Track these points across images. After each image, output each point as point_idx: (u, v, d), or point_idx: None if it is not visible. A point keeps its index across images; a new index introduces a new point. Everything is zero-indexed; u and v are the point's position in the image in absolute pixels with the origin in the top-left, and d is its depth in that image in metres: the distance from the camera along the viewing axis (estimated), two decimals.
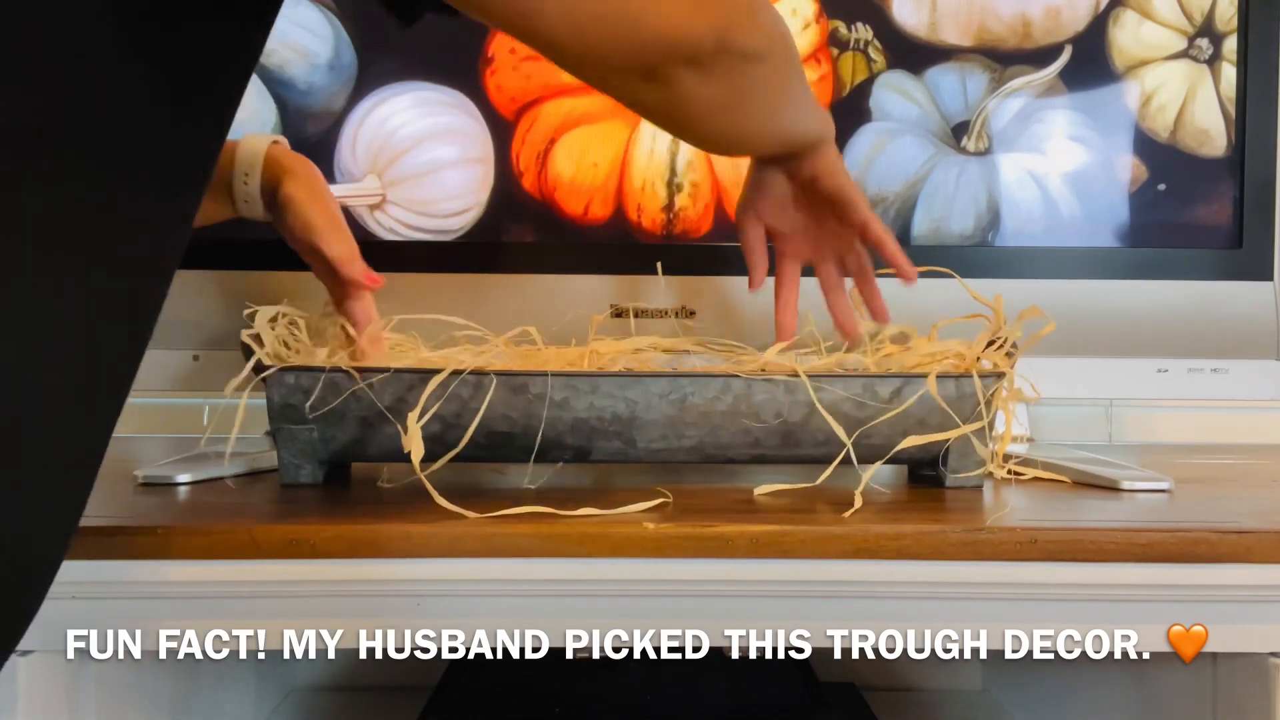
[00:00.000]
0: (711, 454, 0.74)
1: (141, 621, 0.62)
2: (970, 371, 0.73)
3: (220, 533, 0.61)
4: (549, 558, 0.62)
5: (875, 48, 0.94)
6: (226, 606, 0.62)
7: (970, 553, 0.62)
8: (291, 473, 0.73)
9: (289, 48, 0.93)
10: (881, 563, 0.62)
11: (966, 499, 0.73)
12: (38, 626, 0.61)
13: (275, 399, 0.72)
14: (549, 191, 0.94)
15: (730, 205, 0.95)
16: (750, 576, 0.62)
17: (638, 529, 0.61)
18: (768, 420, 0.73)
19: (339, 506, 0.69)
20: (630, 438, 0.73)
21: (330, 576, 0.61)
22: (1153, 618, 0.64)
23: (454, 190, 0.94)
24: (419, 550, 0.61)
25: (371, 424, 0.72)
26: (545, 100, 0.94)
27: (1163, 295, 0.94)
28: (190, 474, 0.76)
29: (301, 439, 0.73)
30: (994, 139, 0.95)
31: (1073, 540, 0.63)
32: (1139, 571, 0.63)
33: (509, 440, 0.72)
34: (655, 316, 0.92)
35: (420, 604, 0.63)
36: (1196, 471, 0.90)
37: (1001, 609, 0.64)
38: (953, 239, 0.95)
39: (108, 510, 0.65)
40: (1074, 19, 0.95)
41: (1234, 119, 0.94)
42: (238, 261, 0.91)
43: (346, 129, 0.93)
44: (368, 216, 0.94)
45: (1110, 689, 0.84)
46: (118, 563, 0.60)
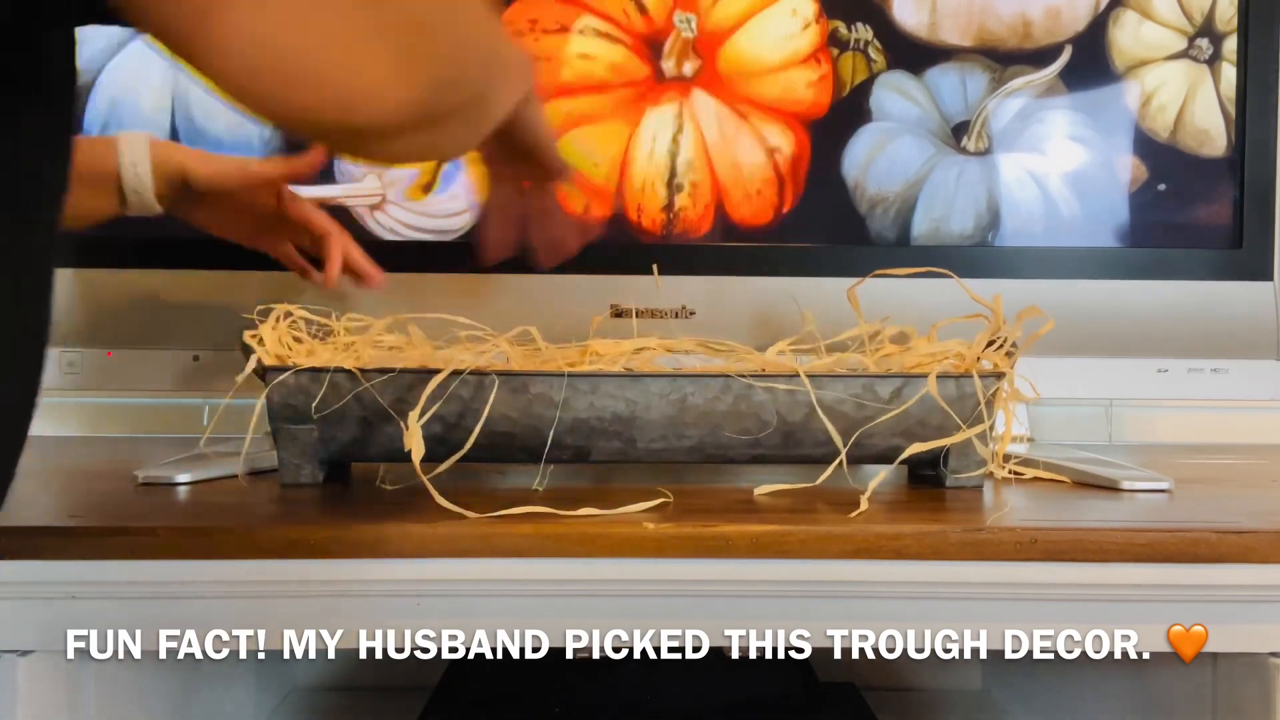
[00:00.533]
0: (711, 454, 0.74)
1: (141, 621, 0.62)
2: (970, 372, 0.73)
3: (220, 533, 0.61)
4: (549, 558, 0.62)
5: (875, 48, 0.94)
6: (226, 606, 0.62)
7: (970, 553, 0.62)
8: (292, 473, 0.73)
9: None
10: (881, 563, 0.62)
11: (966, 499, 0.73)
12: (38, 626, 0.61)
13: (275, 399, 0.72)
14: None
15: (731, 205, 0.95)
16: (750, 576, 0.62)
17: (638, 529, 0.61)
18: (768, 420, 0.73)
19: (339, 506, 0.69)
20: (630, 438, 0.73)
21: (330, 576, 0.61)
22: (1153, 618, 0.64)
23: (454, 190, 0.94)
24: (419, 550, 0.61)
25: (372, 424, 0.72)
26: (545, 100, 0.94)
27: (1163, 295, 0.94)
28: (190, 474, 0.76)
29: (302, 439, 0.73)
30: (994, 139, 0.95)
31: (1073, 540, 0.63)
32: (1139, 571, 0.63)
33: (509, 440, 0.72)
34: (655, 316, 0.92)
35: (420, 604, 0.63)
36: (1196, 471, 0.90)
37: (1001, 609, 0.64)
38: (952, 239, 0.95)
39: (108, 510, 0.65)
40: (1074, 19, 0.95)
41: (1234, 119, 0.94)
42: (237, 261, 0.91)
43: None
44: (368, 216, 0.94)
45: (1110, 689, 0.84)
46: (118, 563, 0.60)
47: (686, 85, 0.94)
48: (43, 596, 0.61)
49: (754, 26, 0.94)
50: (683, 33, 0.94)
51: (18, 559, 0.60)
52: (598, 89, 0.94)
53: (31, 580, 0.61)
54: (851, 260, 0.92)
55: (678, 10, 0.94)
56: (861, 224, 0.95)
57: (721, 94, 0.94)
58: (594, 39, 0.93)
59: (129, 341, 0.92)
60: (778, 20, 0.94)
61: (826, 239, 0.94)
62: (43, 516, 0.64)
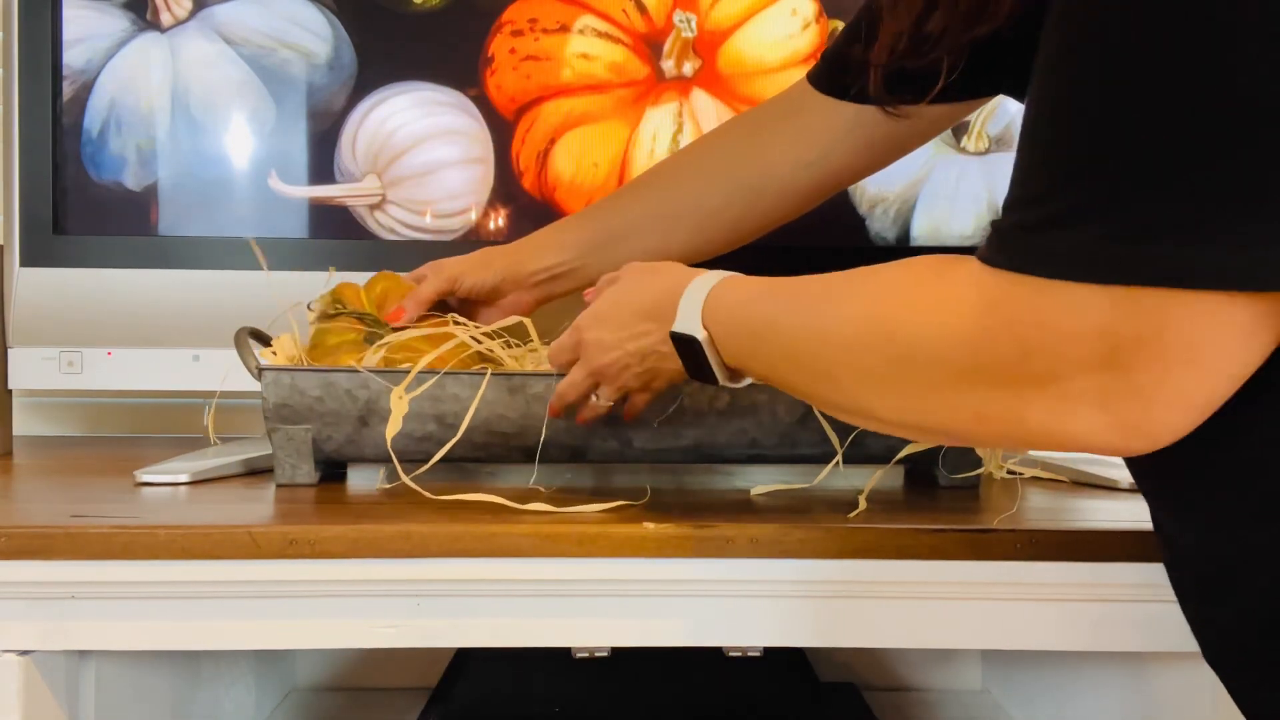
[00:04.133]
0: (709, 454, 0.74)
1: (141, 621, 0.62)
2: None
3: (220, 533, 0.61)
4: (549, 558, 0.62)
5: None
6: (226, 606, 0.62)
7: (970, 553, 0.62)
8: (288, 473, 0.73)
9: (289, 48, 0.93)
10: (881, 562, 0.62)
11: (966, 499, 0.73)
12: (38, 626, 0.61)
13: (271, 399, 0.72)
14: (549, 191, 0.94)
15: None
16: (750, 576, 0.62)
17: (638, 529, 0.61)
18: (765, 420, 0.73)
19: (339, 506, 0.69)
20: (627, 438, 0.73)
21: (330, 576, 0.61)
22: (1152, 617, 0.64)
23: (454, 190, 0.94)
24: (419, 550, 0.61)
25: (367, 424, 0.72)
26: (545, 100, 0.94)
27: None
28: (190, 474, 0.76)
29: (298, 439, 0.73)
30: (994, 139, 0.95)
31: (1073, 540, 0.63)
32: (1139, 571, 0.63)
33: (506, 440, 0.72)
34: None
35: (420, 604, 0.63)
36: None
37: (1001, 609, 0.64)
38: (952, 239, 0.95)
39: (108, 510, 0.65)
40: None
41: None
42: (237, 262, 0.91)
43: (346, 129, 0.93)
44: (368, 216, 0.94)
45: (1110, 689, 0.84)
46: (118, 563, 0.60)
47: (686, 85, 0.94)
48: (43, 596, 0.61)
49: (754, 26, 0.94)
50: (683, 32, 0.94)
51: (18, 559, 0.60)
52: (598, 89, 0.94)
53: (31, 580, 0.61)
54: (852, 261, 0.91)
55: (678, 10, 0.94)
56: (861, 224, 0.95)
57: (721, 94, 0.94)
58: (594, 39, 0.93)
59: (129, 341, 0.92)
60: (778, 20, 0.94)
61: (826, 239, 0.94)
62: (43, 516, 0.64)
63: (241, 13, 0.92)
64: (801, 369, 0.53)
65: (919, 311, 0.47)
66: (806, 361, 0.53)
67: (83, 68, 0.92)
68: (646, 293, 0.63)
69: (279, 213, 0.93)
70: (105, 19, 0.92)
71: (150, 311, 0.91)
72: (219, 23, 0.92)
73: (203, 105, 0.93)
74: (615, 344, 0.64)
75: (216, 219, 0.93)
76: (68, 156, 0.92)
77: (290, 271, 0.89)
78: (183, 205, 0.93)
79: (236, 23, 0.92)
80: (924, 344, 0.46)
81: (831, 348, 0.51)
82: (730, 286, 0.59)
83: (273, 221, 0.93)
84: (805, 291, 0.55)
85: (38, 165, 0.91)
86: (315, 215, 0.93)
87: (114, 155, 0.92)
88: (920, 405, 0.47)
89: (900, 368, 0.47)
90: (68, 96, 0.92)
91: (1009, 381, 0.44)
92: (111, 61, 0.92)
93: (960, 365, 0.45)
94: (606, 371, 0.65)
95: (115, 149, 0.92)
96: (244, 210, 0.93)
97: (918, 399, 0.47)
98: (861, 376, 0.49)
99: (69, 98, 0.92)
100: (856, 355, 0.49)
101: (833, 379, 0.51)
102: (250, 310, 0.83)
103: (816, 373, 0.52)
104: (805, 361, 0.53)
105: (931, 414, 0.47)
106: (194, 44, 0.92)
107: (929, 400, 0.47)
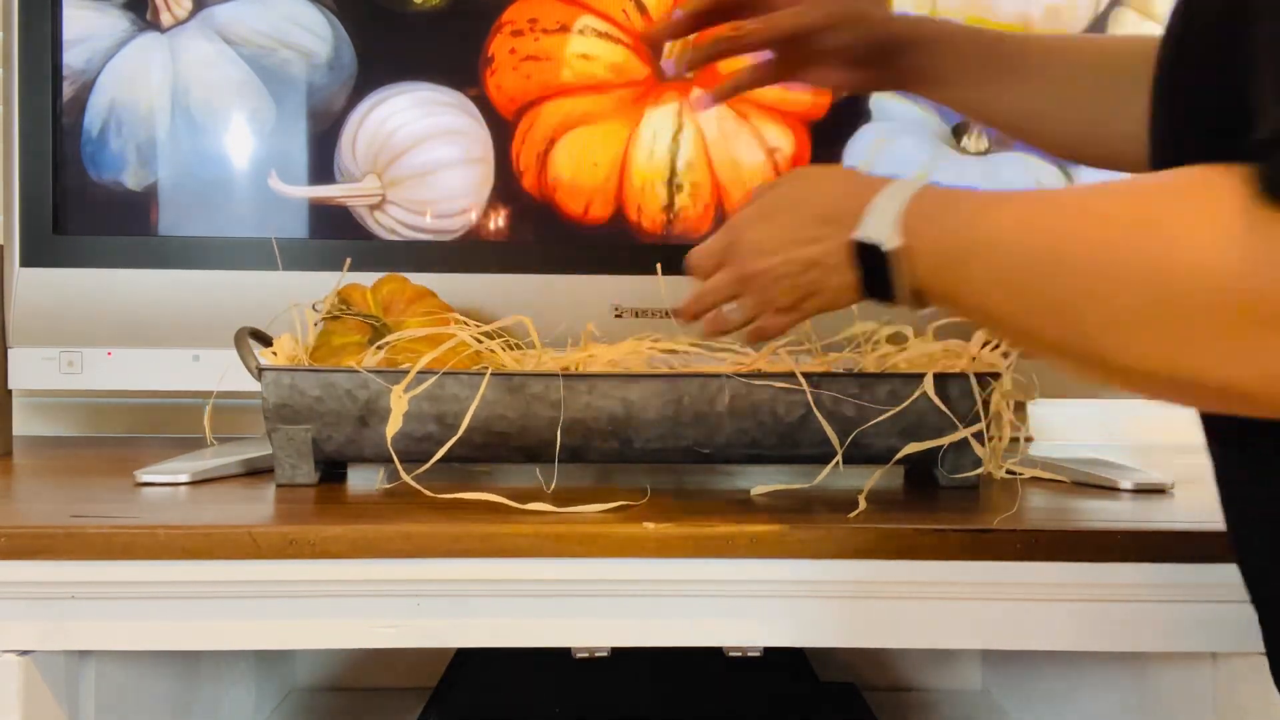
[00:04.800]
0: (709, 454, 0.74)
1: (141, 621, 0.62)
2: (967, 372, 0.73)
3: (220, 533, 0.61)
4: (549, 557, 0.62)
5: None
6: (226, 607, 0.62)
7: (970, 553, 0.62)
8: (288, 473, 0.73)
9: (289, 48, 0.93)
10: (881, 562, 0.62)
11: (965, 499, 0.73)
12: (38, 626, 0.61)
13: (271, 399, 0.72)
14: (549, 192, 0.94)
15: (731, 205, 0.95)
16: (750, 576, 0.62)
17: (638, 529, 0.61)
18: (765, 420, 0.73)
19: (339, 506, 0.69)
20: (627, 438, 0.73)
21: (330, 576, 0.61)
22: (1152, 618, 0.64)
23: (454, 190, 0.94)
24: (419, 550, 0.61)
25: (367, 424, 0.72)
26: (545, 100, 0.94)
27: None
28: (190, 474, 0.76)
29: (298, 439, 0.73)
30: (994, 139, 0.95)
31: (1073, 540, 0.63)
32: (1139, 571, 0.63)
33: (506, 440, 0.72)
34: (655, 316, 0.92)
35: (420, 604, 0.63)
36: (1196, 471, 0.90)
37: (1001, 609, 0.64)
38: None
39: (108, 510, 0.65)
40: (1074, 19, 0.95)
41: None
42: (237, 262, 0.91)
43: (346, 129, 0.93)
44: (368, 216, 0.94)
45: (1110, 689, 0.84)
46: (118, 563, 0.61)
47: (686, 85, 0.94)
48: (43, 596, 0.61)
49: None
50: None
51: (18, 559, 0.60)
52: (598, 89, 0.94)
53: (31, 580, 0.61)
54: None
55: (677, 10, 0.94)
56: None
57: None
58: (594, 39, 0.93)
59: (129, 341, 0.92)
60: None
61: None
62: (43, 516, 0.64)
63: (241, 13, 0.92)
64: (1024, 299, 0.45)
65: (1195, 234, 0.40)
66: (1035, 291, 0.45)
67: (83, 68, 0.92)
68: (826, 194, 0.55)
69: (279, 213, 0.93)
70: (105, 19, 0.92)
71: (150, 311, 0.91)
72: (219, 23, 0.92)
73: (203, 105, 0.93)
74: (777, 247, 0.55)
75: (216, 219, 0.93)
76: (68, 156, 0.92)
77: (290, 271, 0.89)
78: (183, 205, 0.93)
79: (236, 23, 0.92)
80: (1203, 276, 0.39)
81: (1077, 276, 0.43)
82: (940, 195, 0.50)
83: (273, 222, 0.93)
84: (1043, 206, 0.46)
85: (38, 165, 0.91)
86: (315, 215, 0.93)
87: (114, 155, 0.92)
88: (1187, 353, 0.41)
89: (1167, 307, 0.40)
90: (68, 97, 0.92)
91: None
92: (111, 62, 0.92)
93: (1248, 305, 0.38)
94: (757, 280, 0.56)
95: (115, 149, 0.92)
96: (244, 210, 0.93)
97: (1186, 346, 0.40)
98: (1113, 314, 0.42)
99: (69, 98, 0.92)
100: (1110, 287, 0.42)
101: (1068, 315, 0.44)
102: (250, 310, 0.84)
103: (1047, 305, 0.44)
104: (1033, 292, 0.45)
105: (1200, 365, 0.40)
106: (194, 44, 0.92)
107: (1205, 347, 0.40)
